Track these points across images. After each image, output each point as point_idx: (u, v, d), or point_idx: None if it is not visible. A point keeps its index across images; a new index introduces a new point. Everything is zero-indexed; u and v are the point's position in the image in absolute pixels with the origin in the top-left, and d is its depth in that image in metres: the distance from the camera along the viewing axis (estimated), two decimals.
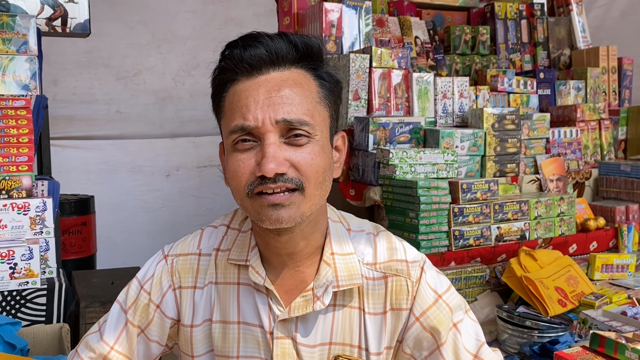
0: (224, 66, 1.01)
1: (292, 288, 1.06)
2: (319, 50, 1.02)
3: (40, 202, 1.79)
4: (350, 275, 1.06)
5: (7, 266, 1.67)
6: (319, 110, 1.00)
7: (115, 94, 4.53)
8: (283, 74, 0.99)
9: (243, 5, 4.99)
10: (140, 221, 4.74)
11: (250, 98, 0.96)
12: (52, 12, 2.32)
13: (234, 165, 0.98)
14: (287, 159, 0.96)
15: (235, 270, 1.08)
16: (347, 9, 2.87)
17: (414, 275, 1.08)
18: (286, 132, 0.96)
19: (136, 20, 4.47)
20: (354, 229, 1.13)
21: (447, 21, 3.45)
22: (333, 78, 1.04)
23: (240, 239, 1.09)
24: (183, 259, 1.10)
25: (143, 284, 1.11)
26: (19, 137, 1.90)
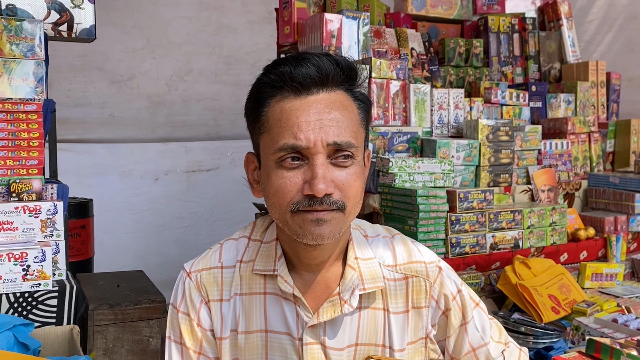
0: (267, 81, 1.03)
1: (319, 294, 1.10)
2: (357, 71, 1.06)
3: (51, 205, 1.81)
4: (374, 278, 1.11)
5: (20, 268, 1.68)
6: (360, 131, 1.05)
7: (108, 97, 4.54)
8: (330, 95, 1.01)
9: (237, 12, 5.03)
10: (125, 222, 4.75)
11: (302, 118, 0.99)
12: (59, 17, 2.34)
13: (280, 182, 1.00)
14: (333, 180, 0.99)
15: (261, 281, 1.11)
16: (347, 19, 2.93)
17: (432, 276, 1.15)
18: (333, 153, 1.00)
19: (131, 25, 4.49)
20: (370, 234, 1.18)
21: (441, 33, 3.53)
22: (367, 99, 1.09)
23: (264, 250, 1.12)
24: (206, 273, 1.13)
25: (179, 308, 1.13)
26: (29, 141, 1.92)
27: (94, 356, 1.77)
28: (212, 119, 5.14)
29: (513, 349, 1.26)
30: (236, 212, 5.23)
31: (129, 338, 1.86)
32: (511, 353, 1.25)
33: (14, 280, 1.68)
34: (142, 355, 1.90)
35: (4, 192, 1.88)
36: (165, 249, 4.98)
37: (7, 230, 1.75)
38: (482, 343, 1.20)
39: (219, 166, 5.32)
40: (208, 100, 5.04)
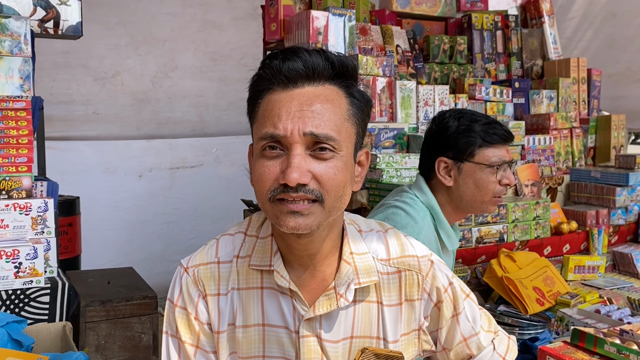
0: (262, 75, 1.06)
1: (314, 288, 1.12)
2: (353, 70, 1.08)
3: (42, 202, 1.81)
4: (369, 272, 1.13)
5: (12, 265, 1.68)
6: (347, 127, 1.05)
7: (92, 94, 4.51)
8: (317, 89, 1.03)
9: (222, 8, 5.02)
10: (109, 219, 4.74)
11: (283, 109, 1.01)
12: (45, 14, 2.33)
13: (260, 169, 1.03)
14: (310, 171, 1.01)
15: (257, 275, 1.13)
16: (333, 17, 2.95)
17: (424, 269, 1.18)
18: (312, 145, 1.01)
19: (115, 22, 4.47)
20: (364, 229, 1.21)
21: (426, 30, 3.57)
22: (364, 97, 1.10)
23: (259, 245, 1.14)
24: (203, 268, 1.15)
25: (176, 303, 1.15)
26: (18, 138, 1.91)
27: (87, 352, 1.78)
28: (197, 116, 5.14)
29: (502, 337, 1.31)
30: (219, 208, 5.24)
31: (120, 334, 1.87)
32: (500, 341, 1.29)
33: (5, 277, 1.68)
34: (134, 351, 1.90)
35: None
36: (149, 245, 4.97)
37: None
38: (473, 333, 1.23)
39: (203, 163, 5.32)
40: (193, 96, 5.04)
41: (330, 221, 1.07)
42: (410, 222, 1.72)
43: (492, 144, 1.76)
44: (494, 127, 1.79)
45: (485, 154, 1.76)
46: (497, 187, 1.79)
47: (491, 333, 1.28)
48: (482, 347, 1.25)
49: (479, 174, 1.76)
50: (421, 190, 1.83)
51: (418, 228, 1.72)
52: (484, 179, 1.76)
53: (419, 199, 1.81)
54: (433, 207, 1.79)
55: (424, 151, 1.87)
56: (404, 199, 1.81)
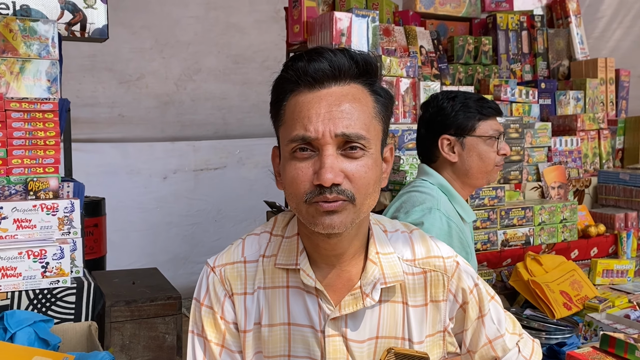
0: (286, 77, 1.06)
1: (340, 287, 1.12)
2: (376, 67, 1.08)
3: (69, 203, 1.83)
4: (394, 272, 1.13)
5: (39, 265, 1.70)
6: (374, 124, 1.06)
7: (117, 97, 4.56)
8: (343, 88, 1.04)
9: (245, 11, 5.05)
10: (133, 220, 4.79)
11: (312, 110, 1.02)
12: (72, 17, 2.36)
13: (293, 172, 1.03)
14: (343, 170, 1.01)
15: (283, 274, 1.13)
16: (357, 18, 2.94)
17: (450, 270, 1.17)
18: (343, 145, 1.02)
19: (140, 25, 4.51)
20: (389, 229, 1.20)
21: (450, 31, 3.54)
22: (388, 94, 1.10)
23: (285, 245, 1.15)
24: (230, 267, 1.15)
25: (203, 302, 1.15)
26: (45, 140, 1.94)
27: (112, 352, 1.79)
28: (220, 118, 5.17)
29: (527, 340, 1.29)
30: (242, 209, 5.27)
31: (145, 334, 1.88)
32: (525, 344, 1.28)
33: (33, 277, 1.70)
34: (158, 351, 1.92)
35: (21, 190, 1.90)
36: (173, 246, 5.01)
37: (26, 228, 1.77)
38: (498, 335, 1.22)
39: (226, 165, 5.35)
40: (216, 99, 5.07)
41: (359, 220, 1.07)
42: (426, 197, 1.81)
43: (488, 117, 1.90)
44: (487, 102, 1.94)
45: (484, 127, 1.90)
46: (497, 157, 1.92)
47: (516, 335, 1.27)
48: (507, 350, 1.24)
49: (481, 146, 1.89)
50: (427, 174, 1.93)
51: (436, 200, 1.81)
52: (485, 150, 1.89)
53: (427, 181, 1.91)
54: (443, 185, 1.89)
55: (423, 135, 1.97)
56: (411, 186, 1.92)
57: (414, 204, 1.80)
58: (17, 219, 1.76)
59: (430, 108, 1.95)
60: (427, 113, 1.95)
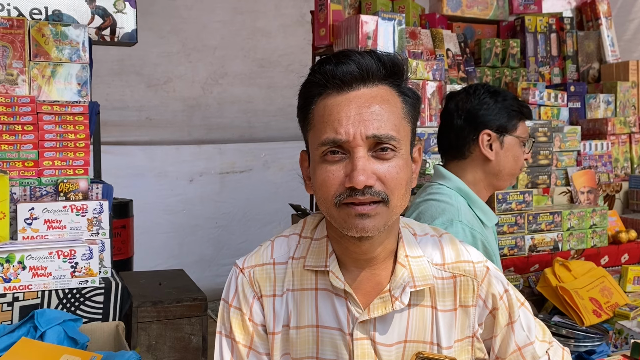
0: (314, 80, 1.06)
1: (369, 290, 1.12)
2: (403, 68, 1.08)
3: (97, 204, 1.86)
4: (424, 276, 1.12)
5: (69, 265, 1.73)
6: (404, 125, 1.05)
7: (145, 101, 4.63)
8: (372, 90, 1.04)
9: (270, 16, 5.09)
10: (160, 222, 4.85)
11: (342, 113, 1.02)
12: (102, 22, 2.40)
13: (323, 175, 1.03)
14: (375, 172, 1.01)
15: (312, 276, 1.13)
16: (383, 21, 2.93)
17: (480, 275, 1.16)
18: (374, 146, 1.01)
19: (167, 30, 4.57)
20: (419, 233, 1.19)
21: (477, 34, 3.51)
22: (415, 94, 1.10)
23: (314, 247, 1.14)
24: (259, 269, 1.15)
25: (231, 303, 1.15)
26: (76, 142, 1.98)
27: (139, 351, 1.81)
28: (245, 122, 5.21)
29: (557, 348, 1.27)
30: (267, 212, 5.30)
31: (171, 335, 1.90)
32: (555, 352, 1.26)
33: (62, 276, 1.73)
34: (184, 352, 1.93)
35: (52, 191, 1.94)
36: (199, 249, 5.06)
37: (56, 229, 1.81)
38: (528, 342, 1.20)
39: (252, 168, 5.38)
40: (242, 102, 5.11)
41: (391, 223, 1.06)
42: (445, 207, 1.70)
43: (527, 118, 1.85)
44: (523, 103, 1.86)
45: (522, 128, 1.84)
46: (524, 161, 1.87)
47: (546, 343, 1.25)
48: (537, 357, 1.21)
49: (516, 148, 1.82)
50: (443, 178, 1.82)
51: (455, 209, 1.70)
52: (519, 152, 1.82)
53: (444, 185, 1.80)
54: (461, 189, 1.79)
55: (460, 127, 1.82)
56: (428, 193, 1.80)
57: (434, 216, 1.69)
58: (47, 219, 1.80)
59: (472, 99, 1.82)
60: (469, 104, 1.82)
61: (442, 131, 1.89)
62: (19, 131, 1.91)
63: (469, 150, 1.81)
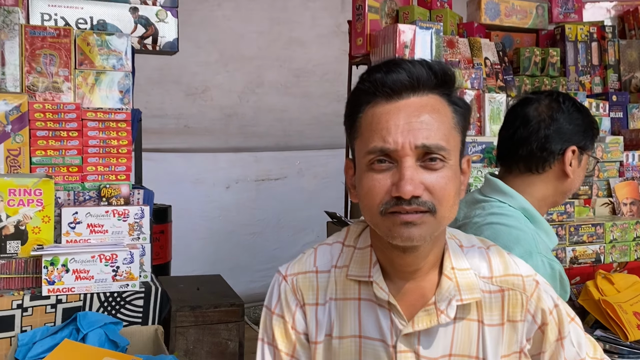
0: (362, 88, 1.05)
1: (414, 302, 1.09)
2: (454, 77, 1.06)
3: (139, 209, 1.90)
4: (471, 289, 1.09)
5: (110, 269, 1.77)
6: (454, 135, 1.04)
7: (184, 109, 4.70)
8: (422, 99, 1.02)
9: (307, 26, 5.13)
10: (197, 228, 4.91)
11: (391, 122, 1.00)
12: (144, 31, 2.45)
13: (370, 184, 1.02)
14: (423, 182, 0.99)
15: (355, 286, 1.11)
16: (420, 30, 2.93)
17: (529, 289, 1.12)
18: (423, 156, 1.00)
19: (205, 40, 4.65)
20: (465, 244, 1.16)
21: (516, 43, 3.47)
22: (465, 104, 1.08)
23: (357, 256, 1.13)
24: (302, 277, 1.14)
25: (274, 310, 1.15)
26: (118, 148, 2.02)
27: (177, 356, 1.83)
28: (281, 130, 5.25)
29: None
30: (301, 219, 5.32)
31: (208, 340, 1.92)
32: None
33: (104, 280, 1.76)
34: (221, 357, 1.95)
35: (95, 196, 1.98)
36: (234, 255, 5.10)
37: (98, 233, 1.85)
38: (578, 359, 1.16)
39: (286, 175, 5.42)
40: (277, 111, 5.15)
41: (437, 234, 1.04)
42: (519, 235, 1.51)
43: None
44: None
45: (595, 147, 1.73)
46: None
47: None
48: None
49: (585, 167, 1.68)
50: (503, 194, 1.63)
51: (530, 237, 1.53)
52: (584, 171, 1.69)
53: (506, 204, 1.61)
54: (526, 209, 1.61)
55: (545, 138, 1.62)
56: (489, 212, 1.60)
57: (507, 246, 1.45)
58: (90, 223, 1.84)
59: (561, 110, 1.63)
60: (560, 115, 1.63)
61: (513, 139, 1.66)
62: (64, 137, 1.96)
63: (549, 165, 1.62)
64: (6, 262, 1.79)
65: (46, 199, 1.82)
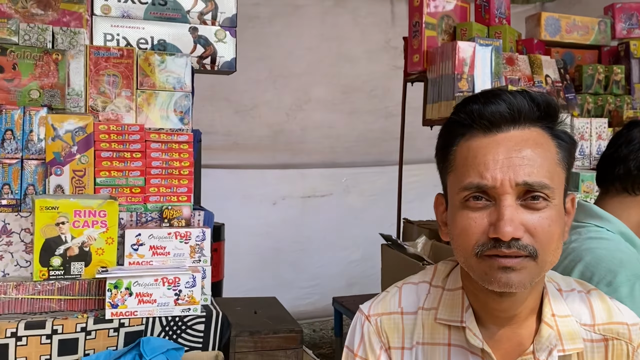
0: (457, 120, 0.99)
1: (509, 351, 1.02)
2: (557, 109, 0.99)
3: (200, 231, 1.87)
4: (573, 338, 1.01)
5: (173, 292, 1.75)
6: (558, 172, 0.96)
7: (233, 126, 4.73)
8: (523, 132, 0.95)
9: (356, 42, 5.11)
10: (244, 244, 4.89)
11: (489, 156, 0.94)
12: (203, 51, 2.46)
13: (464, 222, 0.95)
14: (524, 223, 0.92)
15: (445, 331, 1.05)
16: (480, 47, 2.86)
17: (636, 339, 1.03)
18: (524, 194, 0.93)
19: (255, 57, 4.66)
20: (564, 288, 1.08)
21: (577, 59, 3.36)
22: (571, 138, 1.00)
23: (447, 298, 1.06)
24: (387, 318, 1.08)
25: (357, 352, 1.09)
26: (180, 169, 2.01)
27: None
28: (327, 147, 5.22)
29: None
30: (347, 237, 5.26)
31: None
32: None
33: (166, 304, 1.74)
34: None
35: (156, 217, 1.97)
36: (280, 271, 5.08)
37: (160, 255, 1.83)
38: None
39: (332, 192, 5.37)
40: (324, 128, 5.13)
41: (537, 280, 0.97)
42: (622, 258, 1.45)
43: None
44: None
45: None
46: None
47: None
48: None
49: None
50: (600, 218, 1.57)
51: (635, 259, 1.47)
52: None
53: (604, 228, 1.55)
54: (624, 233, 1.54)
55: None
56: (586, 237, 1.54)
57: (613, 270, 1.41)
58: (153, 245, 1.83)
59: None
60: None
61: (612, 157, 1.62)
62: (128, 158, 1.96)
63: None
64: (70, 284, 1.79)
65: (110, 221, 1.81)
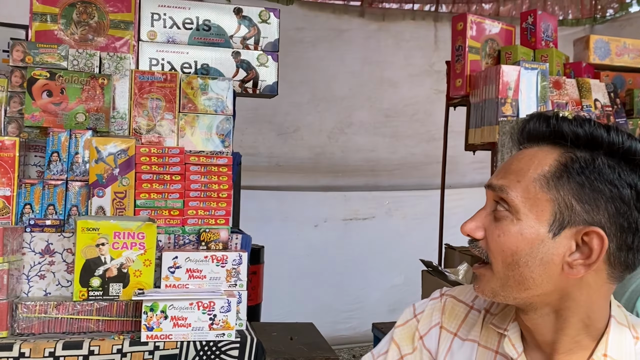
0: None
1: None
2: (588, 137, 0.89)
3: (237, 255, 1.87)
4: None
5: (207, 317, 1.74)
6: (545, 191, 0.87)
7: (275, 148, 4.76)
8: (542, 149, 0.92)
9: (399, 66, 5.10)
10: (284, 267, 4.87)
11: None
12: (245, 75, 2.48)
13: None
14: (486, 227, 0.92)
15: (496, 338, 1.01)
16: (525, 71, 2.80)
17: None
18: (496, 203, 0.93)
19: (299, 80, 4.70)
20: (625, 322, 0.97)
21: (628, 83, 3.25)
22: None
23: (507, 308, 1.03)
24: (455, 302, 1.08)
25: (416, 313, 1.10)
26: (219, 192, 2.02)
27: None
28: (369, 170, 5.19)
29: None
30: (388, 261, 5.18)
31: None
32: None
33: (201, 328, 1.73)
34: None
35: (194, 240, 1.98)
36: (320, 295, 5.03)
37: (196, 278, 1.83)
38: None
39: (374, 215, 5.33)
40: (366, 151, 5.11)
41: (521, 299, 0.91)
42: None
43: None
44: None
45: None
46: None
47: None
48: None
49: None
50: None
51: None
52: None
53: None
54: None
55: None
56: None
57: None
58: (189, 268, 1.83)
59: None
60: None
61: None
62: (168, 181, 1.98)
63: None
64: (108, 304, 1.80)
65: (148, 243, 1.83)
